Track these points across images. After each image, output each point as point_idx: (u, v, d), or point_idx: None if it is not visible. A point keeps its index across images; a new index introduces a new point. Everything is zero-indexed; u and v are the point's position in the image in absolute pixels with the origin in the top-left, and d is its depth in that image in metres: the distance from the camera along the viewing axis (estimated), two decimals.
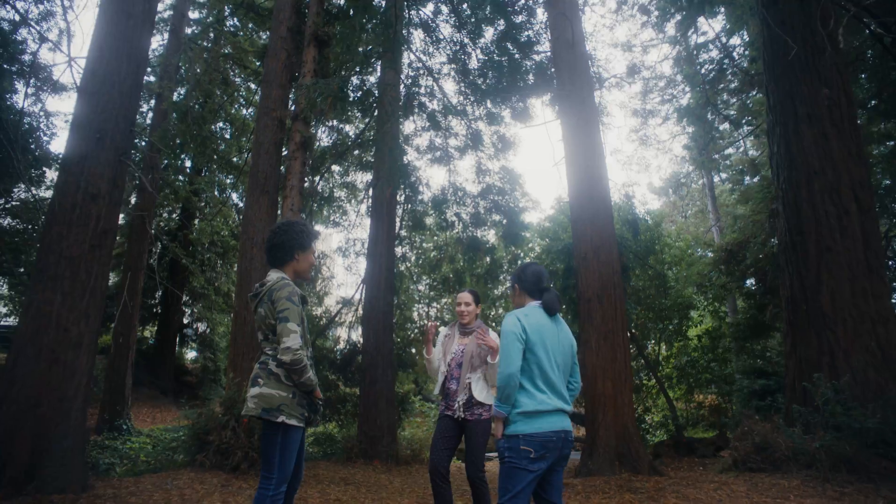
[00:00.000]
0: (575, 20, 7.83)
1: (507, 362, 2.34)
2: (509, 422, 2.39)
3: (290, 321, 2.48)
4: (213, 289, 15.72)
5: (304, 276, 2.82)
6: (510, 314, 2.45)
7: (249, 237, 7.44)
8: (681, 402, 12.83)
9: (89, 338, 5.09)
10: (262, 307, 2.58)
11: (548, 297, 2.51)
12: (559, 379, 2.46)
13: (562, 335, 2.52)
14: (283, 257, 2.71)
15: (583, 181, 7.25)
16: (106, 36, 5.68)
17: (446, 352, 3.83)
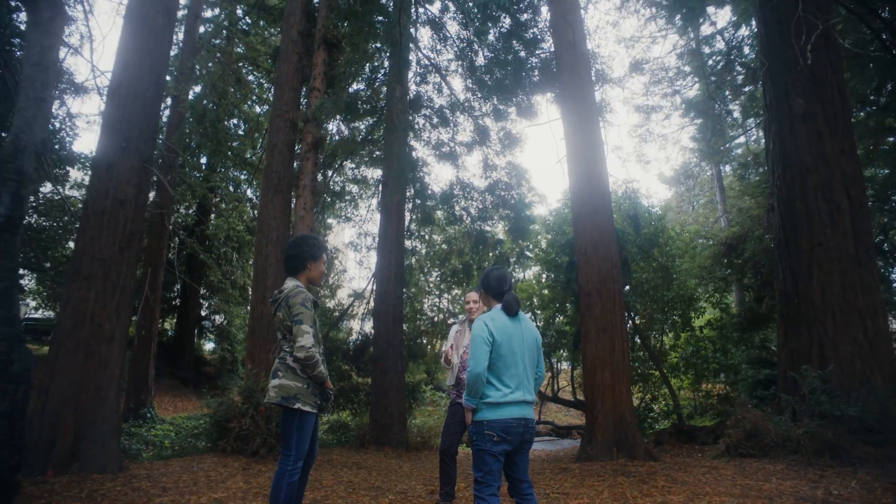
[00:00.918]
0: (575, 22, 8.05)
1: (475, 362, 2.72)
2: (478, 410, 2.79)
3: (303, 323, 2.88)
4: (230, 282, 16.22)
5: (316, 282, 3.22)
6: (479, 318, 2.82)
7: (265, 234, 7.83)
8: (688, 391, 13.09)
9: (120, 332, 5.52)
10: (281, 311, 2.98)
11: (506, 300, 2.88)
12: (524, 372, 2.84)
13: (525, 332, 2.88)
14: (298, 267, 3.11)
15: (583, 178, 7.52)
16: (129, 49, 6.05)
17: (458, 345, 4.24)
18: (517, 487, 2.89)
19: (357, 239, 12.49)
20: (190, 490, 4.46)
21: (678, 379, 12.06)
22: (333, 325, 11.13)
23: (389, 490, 5.08)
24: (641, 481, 5.09)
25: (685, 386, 12.70)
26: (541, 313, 12.67)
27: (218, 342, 18.51)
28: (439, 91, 11.96)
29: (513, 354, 2.79)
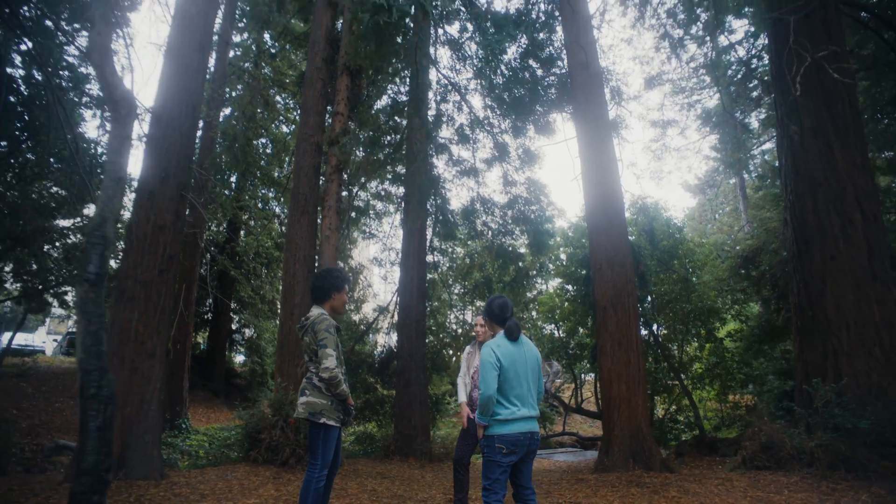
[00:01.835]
0: (587, 43, 8.29)
1: (486, 386, 3.05)
2: (489, 426, 3.12)
3: (328, 347, 3.23)
4: (259, 297, 16.77)
5: (339, 311, 3.57)
6: (486, 345, 3.13)
7: (292, 254, 8.22)
8: (714, 402, 13.01)
9: (160, 349, 5.93)
10: (307, 336, 3.32)
11: (508, 326, 3.19)
12: (528, 391, 3.17)
13: (527, 354, 3.18)
14: (323, 297, 3.46)
15: (597, 195, 7.72)
16: (168, 86, 6.53)
17: (469, 366, 4.58)
18: (521, 494, 3.22)
19: (381, 254, 12.88)
20: (226, 497, 4.80)
21: (704, 390, 12.03)
22: (359, 338, 11.49)
23: (411, 499, 5.34)
24: (654, 492, 5.25)
25: (711, 397, 12.65)
26: (562, 325, 12.81)
27: (248, 355, 19.08)
28: (459, 109, 12.32)
29: (517, 376, 3.12)
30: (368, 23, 4.54)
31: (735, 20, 13.62)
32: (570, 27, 8.63)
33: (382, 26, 4.47)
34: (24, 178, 12.87)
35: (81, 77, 13.24)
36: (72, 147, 10.94)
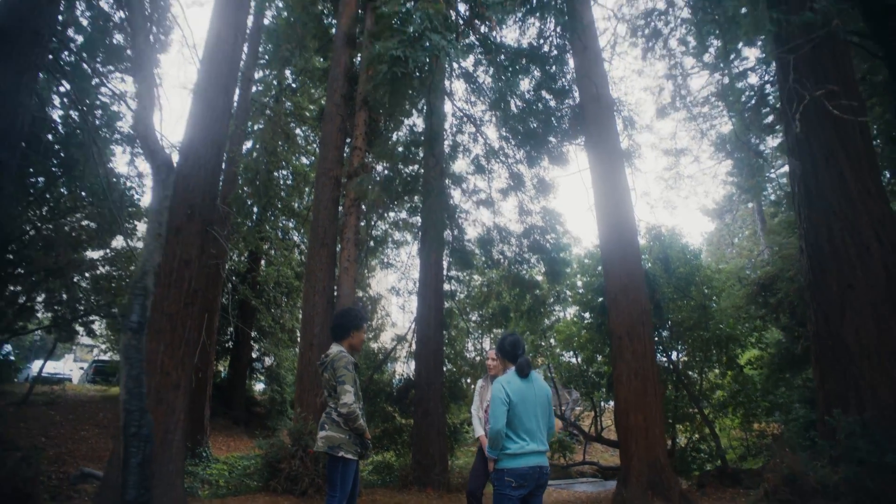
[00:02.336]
0: (598, 77, 8.50)
1: (495, 421, 3.15)
2: (499, 460, 3.22)
3: (346, 384, 3.37)
4: (279, 326, 17.01)
5: (357, 348, 3.73)
6: (497, 381, 3.24)
7: (312, 285, 8.43)
8: (738, 430, 12.73)
9: (185, 380, 6.11)
10: (327, 372, 3.47)
11: (519, 363, 3.30)
12: (538, 426, 3.27)
13: (537, 391, 3.28)
14: (342, 335, 3.62)
15: (611, 225, 7.82)
16: (195, 127, 6.85)
17: (483, 400, 4.68)
18: None
19: (399, 284, 13.06)
20: None
21: (727, 418, 11.82)
22: (377, 367, 11.58)
23: None
24: None
25: (735, 425, 12.40)
26: (581, 354, 12.76)
27: (268, 383, 19.26)
28: (475, 140, 12.57)
29: (527, 412, 3.21)
30: (386, 73, 4.78)
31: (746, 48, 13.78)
32: (581, 62, 8.86)
33: (399, 76, 4.72)
34: (58, 211, 13.40)
35: (113, 115, 13.88)
36: (104, 183, 11.42)
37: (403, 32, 4.70)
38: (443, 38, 4.63)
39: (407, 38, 4.62)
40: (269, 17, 15.64)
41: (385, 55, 4.74)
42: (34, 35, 6.75)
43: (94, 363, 21.39)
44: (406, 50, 4.58)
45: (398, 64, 4.65)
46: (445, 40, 4.69)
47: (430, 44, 4.54)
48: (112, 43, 14.25)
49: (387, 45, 4.77)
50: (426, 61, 4.60)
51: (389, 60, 4.69)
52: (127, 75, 14.54)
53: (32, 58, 6.79)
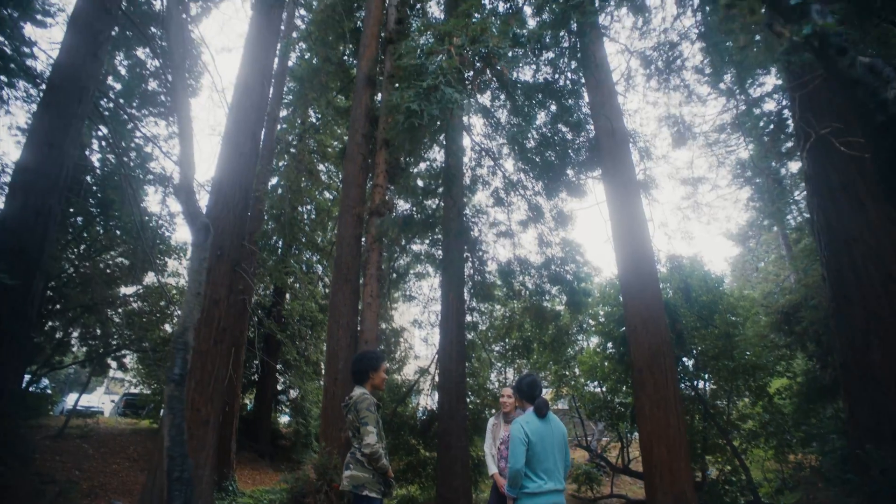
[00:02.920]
0: (612, 111, 8.68)
1: (514, 460, 3.24)
2: (518, 499, 3.32)
3: (369, 425, 3.52)
4: (304, 359, 17.25)
5: (380, 387, 3.87)
6: (516, 422, 3.34)
7: (335, 320, 8.61)
8: (772, 462, 12.33)
9: (214, 417, 6.31)
10: (351, 414, 3.63)
11: (537, 404, 3.40)
12: (555, 465, 3.36)
13: (555, 430, 3.38)
14: (362, 378, 3.79)
15: (629, 257, 7.88)
16: (223, 171, 7.21)
17: (495, 437, 4.75)
18: None
19: (421, 316, 13.21)
20: None
21: (759, 449, 11.49)
22: (401, 400, 11.66)
23: None
24: None
25: (769, 457, 12.04)
26: (605, 384, 12.64)
27: (293, 416, 19.41)
28: (493, 173, 12.82)
29: (545, 451, 3.31)
30: (403, 123, 5.04)
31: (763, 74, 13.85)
32: (595, 97, 9.07)
33: (416, 126, 4.96)
34: (94, 250, 13.98)
35: (146, 157, 14.56)
36: (137, 222, 11.93)
37: (418, 85, 4.97)
38: (455, 91, 4.88)
39: (422, 90, 4.89)
40: (294, 58, 16.32)
41: (401, 106, 5.01)
42: (81, 90, 7.27)
43: (124, 396, 21.85)
44: (421, 102, 4.84)
45: (413, 116, 4.90)
46: (458, 93, 4.94)
47: (444, 97, 4.80)
48: (146, 89, 15.05)
49: (403, 97, 5.05)
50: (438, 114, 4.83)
51: (405, 112, 4.96)
52: (160, 119, 15.31)
53: (78, 110, 7.30)
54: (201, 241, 3.60)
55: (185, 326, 3.39)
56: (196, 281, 3.55)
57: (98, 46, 7.94)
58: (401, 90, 5.35)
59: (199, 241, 3.59)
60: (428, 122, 4.90)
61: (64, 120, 7.06)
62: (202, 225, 3.64)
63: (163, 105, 15.04)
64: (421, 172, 13.16)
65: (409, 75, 5.40)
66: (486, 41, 5.26)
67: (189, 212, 3.58)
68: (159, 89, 15.04)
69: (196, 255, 3.59)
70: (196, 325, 6.41)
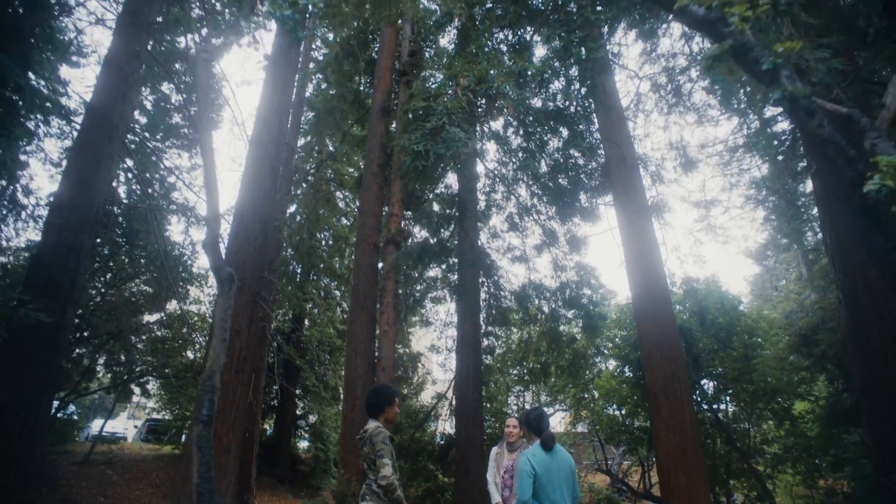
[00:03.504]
0: (622, 138, 8.84)
1: (521, 492, 3.34)
2: None
3: (384, 457, 3.64)
4: (322, 385, 17.39)
5: (393, 421, 4.01)
6: (523, 454, 3.44)
7: (353, 348, 8.78)
8: (800, 487, 12.03)
9: (235, 444, 6.47)
10: (366, 447, 3.76)
11: (544, 437, 3.51)
12: (562, 496, 3.45)
13: (561, 463, 3.47)
14: (377, 412, 3.93)
15: (641, 283, 7.94)
16: (244, 205, 7.49)
17: (499, 466, 4.82)
18: None
19: (438, 342, 13.31)
20: None
21: (786, 474, 11.26)
22: (418, 426, 11.71)
23: None
24: None
25: (797, 482, 11.77)
26: (623, 408, 12.54)
27: (311, 441, 19.49)
28: (507, 199, 12.99)
29: (551, 483, 3.40)
30: (411, 163, 5.26)
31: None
32: (605, 124, 9.24)
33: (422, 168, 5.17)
34: (119, 278, 14.41)
35: (169, 187, 15.06)
36: (162, 251, 12.31)
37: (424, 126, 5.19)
38: (461, 131, 5.09)
39: (427, 131, 5.10)
40: (311, 88, 16.81)
41: (408, 148, 5.23)
42: (111, 130, 7.66)
43: (147, 422, 22.16)
44: (427, 143, 5.05)
45: (419, 157, 5.11)
46: (465, 132, 5.14)
47: (449, 136, 5.00)
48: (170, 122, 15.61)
49: (411, 139, 5.27)
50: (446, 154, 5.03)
51: (412, 154, 5.16)
52: (182, 150, 15.84)
53: (109, 149, 7.67)
54: (226, 291, 3.81)
55: (213, 370, 3.58)
56: (222, 328, 3.75)
57: (128, 88, 8.36)
58: (408, 132, 5.58)
59: (224, 291, 3.80)
60: (434, 161, 5.09)
61: (95, 159, 7.43)
62: (227, 276, 3.85)
63: (185, 137, 15.56)
64: (437, 196, 13.38)
65: (416, 117, 5.63)
66: (492, 81, 5.48)
67: (216, 265, 3.80)
68: (182, 122, 15.59)
69: (222, 303, 3.80)
70: None
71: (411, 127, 5.64)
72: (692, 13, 2.62)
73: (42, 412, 6.57)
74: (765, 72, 2.37)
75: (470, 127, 5.73)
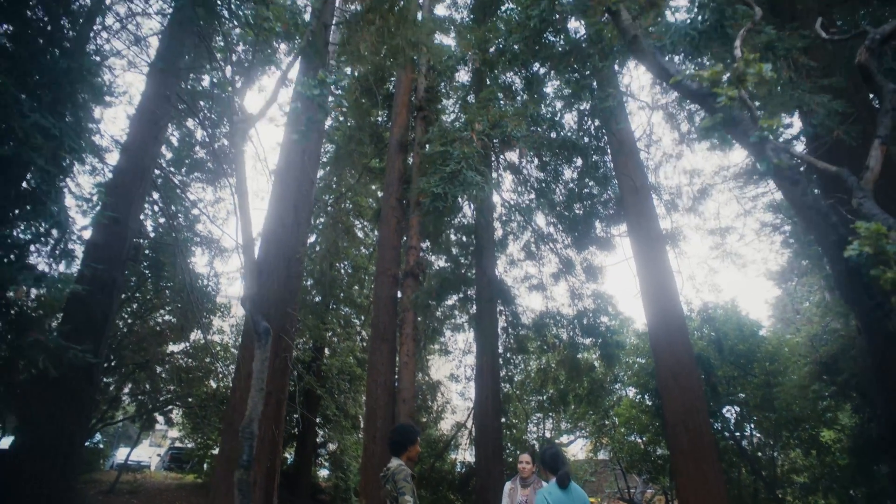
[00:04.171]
0: (635, 171, 8.99)
1: None
2: None
3: (406, 495, 3.78)
4: (343, 413, 17.50)
5: (414, 459, 4.16)
6: (540, 492, 3.57)
7: (374, 379, 8.94)
8: None
9: (261, 477, 6.65)
10: (388, 485, 3.91)
11: (559, 476, 3.63)
12: None
13: (576, 500, 3.58)
14: (400, 450, 4.09)
15: (658, 313, 8.01)
16: (268, 242, 7.78)
17: (512, 501, 4.93)
18: None
19: (457, 370, 13.40)
20: None
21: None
22: (438, 456, 11.76)
23: None
24: None
25: None
26: (644, 437, 12.44)
27: (332, 470, 19.50)
28: (524, 228, 13.17)
29: None
30: (430, 205, 5.51)
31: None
32: (618, 156, 9.42)
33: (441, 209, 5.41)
34: (145, 309, 14.82)
35: (193, 220, 15.53)
36: (188, 284, 12.68)
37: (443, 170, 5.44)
38: (478, 174, 5.33)
39: (446, 175, 5.35)
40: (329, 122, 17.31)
41: (428, 190, 5.48)
42: (143, 170, 8.06)
43: (169, 450, 22.39)
44: (446, 186, 5.29)
45: (438, 199, 5.35)
46: (481, 175, 5.38)
47: (466, 180, 5.25)
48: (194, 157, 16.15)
49: (430, 181, 5.53)
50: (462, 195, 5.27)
51: (431, 195, 5.41)
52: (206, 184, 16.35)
53: (140, 189, 8.06)
54: (264, 344, 4.04)
55: (252, 418, 3.79)
56: (260, 378, 3.97)
57: (159, 131, 8.82)
58: (428, 175, 5.85)
59: (262, 344, 4.03)
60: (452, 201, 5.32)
61: (128, 199, 7.81)
62: (264, 330, 4.09)
63: (209, 171, 16.07)
64: (454, 227, 13.59)
65: (435, 160, 5.90)
66: (506, 126, 5.73)
67: (252, 319, 4.04)
68: (206, 157, 16.12)
69: (259, 356, 4.02)
70: (243, 389, 6.84)
71: (430, 170, 5.90)
72: (686, 86, 2.82)
73: (77, 444, 6.83)
74: (752, 143, 2.54)
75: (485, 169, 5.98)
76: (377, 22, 7.56)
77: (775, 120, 2.54)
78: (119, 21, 11.10)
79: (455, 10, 14.68)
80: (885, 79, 2.69)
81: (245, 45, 11.62)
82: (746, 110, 2.64)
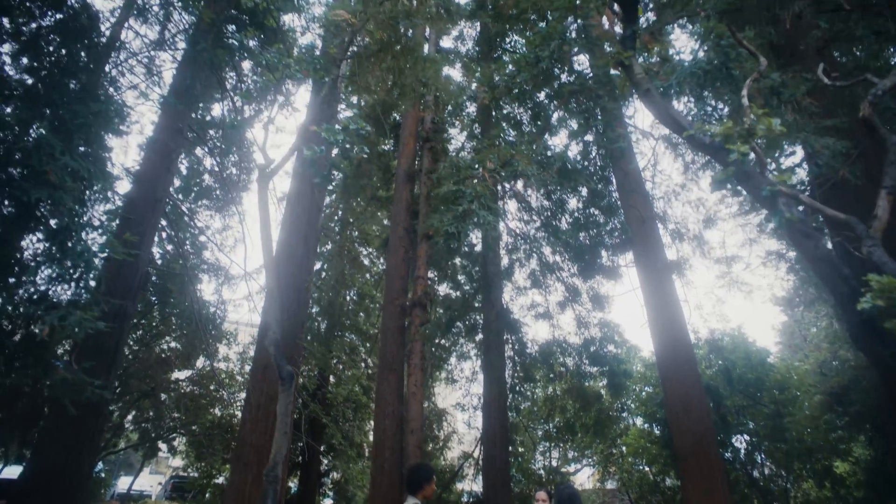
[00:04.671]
0: (639, 199, 9.12)
1: None
2: None
3: None
4: (348, 442, 17.34)
5: (429, 497, 4.18)
6: None
7: (382, 410, 8.92)
8: None
9: None
10: None
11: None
12: None
13: None
14: (416, 489, 4.11)
15: (666, 344, 8.02)
16: (280, 274, 7.84)
17: None
18: None
19: (464, 399, 13.32)
20: None
21: None
22: (445, 486, 11.63)
23: None
24: None
25: None
26: (654, 467, 12.31)
27: (335, 499, 19.24)
28: (529, 257, 13.21)
29: None
30: (442, 244, 5.61)
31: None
32: (623, 186, 9.54)
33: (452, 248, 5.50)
34: (151, 336, 14.85)
35: (201, 246, 15.66)
36: (195, 311, 12.73)
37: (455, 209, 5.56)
38: (490, 213, 5.44)
39: (459, 214, 5.47)
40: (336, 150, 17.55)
41: (440, 230, 5.59)
42: (156, 202, 8.19)
43: (171, 479, 22.12)
44: (458, 225, 5.40)
45: (451, 238, 5.45)
46: (493, 214, 5.49)
47: (479, 219, 5.36)
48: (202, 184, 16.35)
49: (443, 220, 5.63)
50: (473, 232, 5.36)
51: (444, 234, 5.52)
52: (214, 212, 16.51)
53: (153, 220, 8.18)
54: (288, 388, 4.10)
55: (276, 461, 3.82)
56: (284, 422, 4.02)
57: (171, 162, 8.99)
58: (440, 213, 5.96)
59: (286, 388, 4.09)
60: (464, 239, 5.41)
61: (140, 230, 7.93)
62: (288, 374, 4.15)
63: (217, 199, 16.25)
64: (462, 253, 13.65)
65: (446, 199, 6.02)
66: (517, 165, 5.87)
67: (277, 363, 4.10)
68: (214, 185, 16.32)
69: (283, 399, 4.08)
70: (252, 420, 6.86)
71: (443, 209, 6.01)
72: (699, 140, 2.93)
73: (86, 476, 6.83)
74: (765, 198, 2.63)
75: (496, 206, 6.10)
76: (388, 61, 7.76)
77: (786, 174, 2.62)
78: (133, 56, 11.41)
79: (461, 43, 15.02)
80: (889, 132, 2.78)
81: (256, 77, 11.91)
82: (758, 165, 2.73)
